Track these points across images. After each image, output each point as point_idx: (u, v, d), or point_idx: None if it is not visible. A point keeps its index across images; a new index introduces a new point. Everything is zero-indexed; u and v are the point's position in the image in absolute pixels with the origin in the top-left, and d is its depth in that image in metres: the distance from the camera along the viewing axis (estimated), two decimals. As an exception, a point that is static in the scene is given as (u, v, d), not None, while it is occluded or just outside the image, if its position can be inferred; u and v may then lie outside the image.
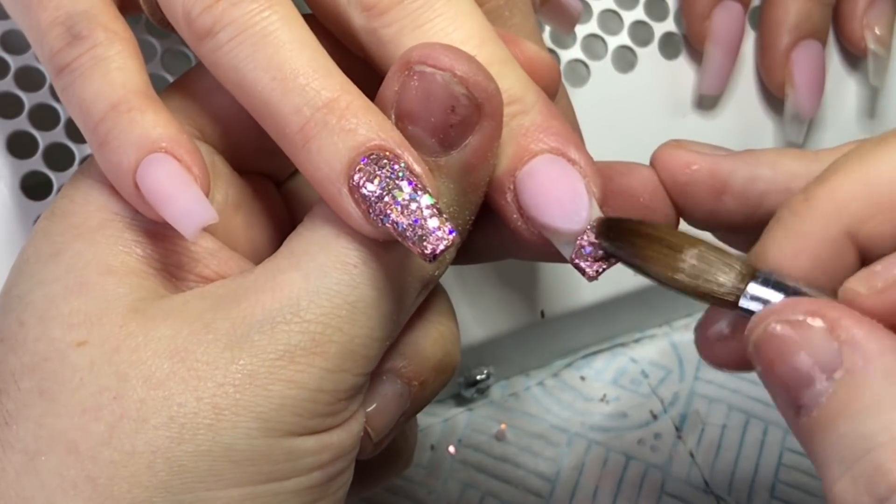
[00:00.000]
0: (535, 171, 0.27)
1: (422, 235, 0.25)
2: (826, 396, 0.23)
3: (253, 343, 0.25)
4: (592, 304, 0.42)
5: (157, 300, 0.26)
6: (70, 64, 0.27)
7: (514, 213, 0.27)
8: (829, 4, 0.42)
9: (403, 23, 0.27)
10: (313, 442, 0.26)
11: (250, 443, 0.25)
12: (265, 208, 0.30)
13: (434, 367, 0.30)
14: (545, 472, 0.44)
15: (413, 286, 0.27)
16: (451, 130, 0.26)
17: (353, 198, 0.25)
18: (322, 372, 0.26)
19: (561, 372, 0.47)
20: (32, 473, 0.25)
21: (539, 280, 0.42)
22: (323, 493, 0.27)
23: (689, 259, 0.26)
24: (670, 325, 0.48)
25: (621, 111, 0.42)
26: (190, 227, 0.25)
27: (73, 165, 0.35)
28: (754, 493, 0.44)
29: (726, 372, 0.28)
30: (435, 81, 0.25)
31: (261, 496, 0.25)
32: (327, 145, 0.25)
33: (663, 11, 0.44)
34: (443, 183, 0.26)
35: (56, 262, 0.27)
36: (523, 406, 0.46)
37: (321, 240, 0.26)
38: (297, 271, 0.26)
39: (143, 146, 0.26)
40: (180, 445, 0.25)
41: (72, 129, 0.35)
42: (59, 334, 0.26)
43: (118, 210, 0.27)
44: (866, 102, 0.45)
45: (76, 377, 0.25)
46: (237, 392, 0.25)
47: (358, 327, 0.26)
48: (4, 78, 0.35)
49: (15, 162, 0.35)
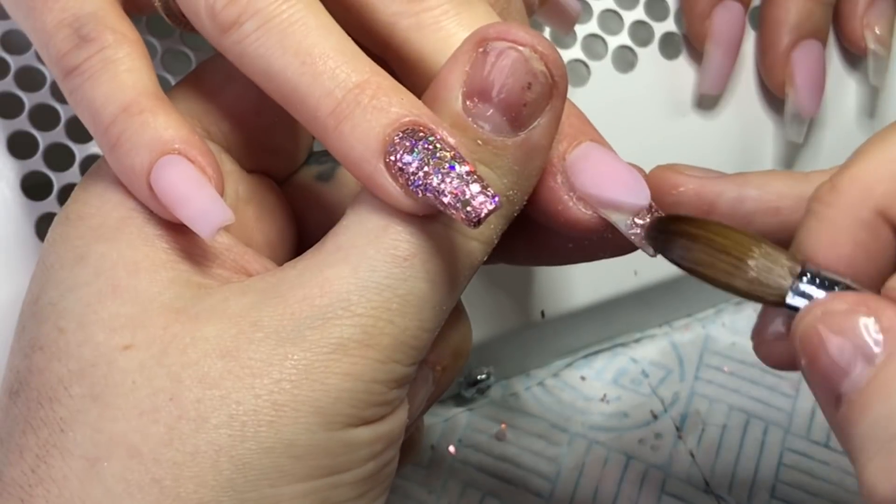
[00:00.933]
0: (588, 153, 0.27)
1: (465, 201, 0.24)
2: (865, 380, 0.24)
3: (305, 338, 0.25)
4: (593, 304, 0.42)
5: (196, 298, 0.26)
6: (79, 66, 0.27)
7: (564, 195, 0.27)
8: (829, 4, 0.42)
9: (444, 8, 0.27)
10: (368, 432, 0.26)
11: (311, 437, 0.25)
12: (274, 205, 0.30)
13: (453, 352, 0.30)
14: (545, 472, 0.44)
15: (463, 273, 0.27)
16: (524, 109, 0.26)
17: (389, 173, 0.25)
18: (375, 364, 0.26)
19: (561, 372, 0.47)
20: (96, 479, 0.24)
21: (539, 280, 0.42)
22: (375, 482, 0.27)
23: (739, 260, 0.26)
24: (670, 325, 0.48)
25: (621, 111, 0.42)
26: (207, 228, 0.26)
27: (74, 165, 0.35)
28: (754, 494, 0.44)
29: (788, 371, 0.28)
30: (514, 57, 0.25)
31: (321, 489, 0.26)
32: (360, 124, 0.25)
33: (663, 11, 0.44)
34: (507, 164, 0.26)
35: (83, 266, 0.27)
36: (524, 406, 0.46)
37: (369, 232, 0.26)
38: (345, 265, 0.26)
39: (156, 148, 0.26)
40: (243, 443, 0.25)
41: (72, 130, 0.35)
42: (103, 339, 0.25)
43: (134, 206, 0.27)
44: (866, 102, 0.46)
45: (128, 380, 0.25)
46: (294, 388, 0.25)
47: (409, 319, 0.26)
48: (5, 78, 0.35)
49: (15, 162, 0.35)
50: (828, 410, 0.25)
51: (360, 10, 0.28)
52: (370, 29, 0.28)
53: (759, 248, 0.26)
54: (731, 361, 0.47)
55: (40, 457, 0.25)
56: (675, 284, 0.44)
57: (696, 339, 0.48)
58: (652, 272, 0.43)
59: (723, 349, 0.48)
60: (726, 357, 0.48)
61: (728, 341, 0.48)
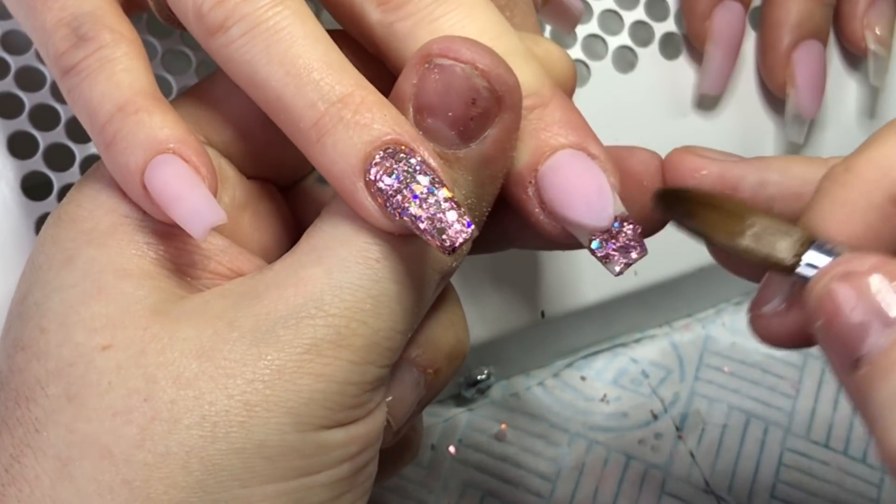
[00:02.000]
0: (558, 166, 0.27)
1: (440, 228, 0.25)
2: (887, 345, 0.23)
3: (279, 338, 0.25)
4: (593, 304, 0.42)
5: (178, 301, 0.26)
6: (76, 65, 0.27)
7: (535, 207, 0.28)
8: (829, 5, 0.42)
9: (419, 16, 0.27)
10: (342, 434, 0.26)
11: (283, 438, 0.25)
12: (271, 210, 0.30)
13: (447, 355, 0.30)
14: (545, 472, 0.44)
15: (433, 278, 0.27)
16: (471, 123, 0.26)
17: (369, 192, 0.25)
18: (349, 364, 0.26)
19: (561, 372, 0.47)
20: (67, 480, 0.24)
21: (539, 280, 0.42)
22: (351, 485, 0.27)
23: (750, 225, 0.26)
24: (671, 326, 0.48)
25: (622, 111, 0.42)
26: (199, 228, 0.25)
27: (74, 166, 0.35)
28: (755, 494, 0.44)
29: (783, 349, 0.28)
30: (455, 74, 0.25)
31: (294, 491, 0.26)
32: (342, 140, 0.25)
33: (664, 11, 0.44)
34: (461, 175, 0.26)
35: (70, 268, 0.27)
36: (524, 406, 0.46)
37: (342, 235, 0.26)
38: (319, 266, 0.26)
39: (150, 147, 0.26)
40: (214, 444, 0.25)
41: (72, 130, 0.35)
42: (83, 339, 0.26)
43: (127, 213, 0.27)
44: (867, 102, 0.45)
45: (104, 381, 0.25)
46: (267, 388, 0.25)
47: (382, 320, 0.26)
48: (5, 78, 0.35)
49: (15, 162, 0.35)
50: (842, 374, 0.24)
51: (350, 16, 0.28)
52: (361, 34, 0.28)
53: (767, 216, 0.26)
54: (731, 361, 0.48)
55: (14, 456, 0.25)
56: (675, 285, 0.44)
57: (696, 339, 0.48)
58: (652, 272, 0.43)
59: (723, 349, 0.48)
60: (726, 357, 0.48)
61: (728, 341, 0.48)
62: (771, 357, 0.48)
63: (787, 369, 0.47)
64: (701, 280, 0.45)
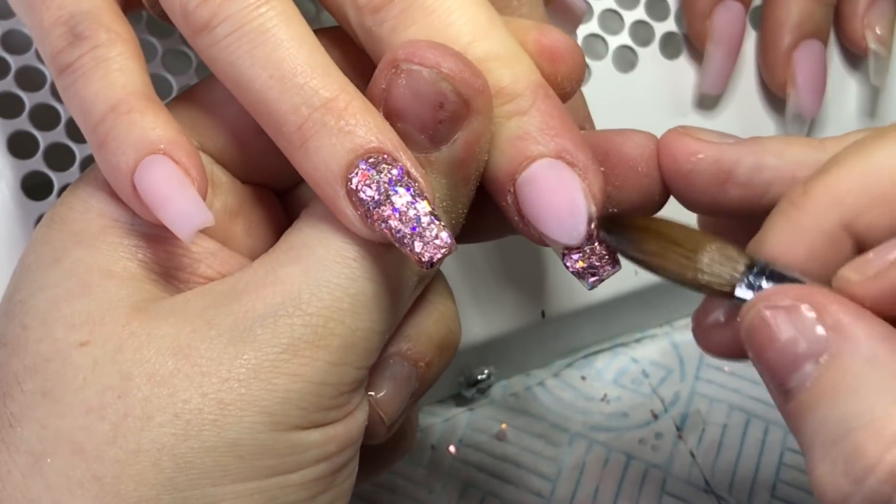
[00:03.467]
0: (534, 178, 0.27)
1: (420, 243, 0.25)
2: (811, 380, 0.23)
3: (256, 337, 0.25)
4: (593, 304, 0.42)
5: (160, 300, 0.26)
6: (72, 64, 0.27)
7: (514, 216, 0.28)
8: (830, 4, 0.42)
9: (396, 21, 0.27)
10: (318, 435, 0.26)
11: (255, 437, 0.25)
12: (266, 216, 0.30)
13: (438, 346, 0.30)
14: (546, 472, 0.44)
15: (410, 279, 0.28)
16: (440, 127, 0.26)
17: (350, 200, 0.25)
18: (325, 365, 0.26)
19: (562, 372, 0.47)
20: (38, 475, 0.25)
21: (540, 280, 0.42)
22: (329, 485, 0.27)
23: (691, 251, 0.27)
24: (671, 325, 0.48)
25: (622, 111, 0.42)
26: (186, 230, 0.25)
27: (74, 165, 0.35)
28: (755, 493, 0.44)
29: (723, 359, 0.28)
30: (422, 78, 0.25)
31: (267, 490, 0.25)
32: (325, 146, 0.25)
33: (664, 11, 0.44)
34: (434, 178, 0.26)
35: (57, 267, 0.27)
36: (524, 406, 0.46)
37: (320, 234, 0.26)
38: (297, 265, 0.26)
39: (141, 147, 0.26)
40: (186, 442, 0.25)
41: (72, 129, 0.35)
42: (62, 335, 0.26)
43: (117, 216, 0.27)
44: (867, 102, 0.45)
45: (79, 377, 0.25)
46: (242, 387, 0.25)
47: (360, 320, 0.26)
48: (5, 78, 0.35)
49: (15, 162, 0.35)
50: (778, 401, 0.25)
51: (339, 18, 0.28)
52: (352, 34, 0.28)
53: (711, 242, 0.27)
54: (731, 361, 0.47)
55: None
56: (675, 284, 0.44)
57: (696, 338, 0.48)
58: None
59: (723, 349, 0.48)
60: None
61: (728, 341, 0.48)
62: (771, 357, 0.48)
63: (788, 369, 0.47)
64: (701, 280, 0.45)
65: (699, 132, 0.30)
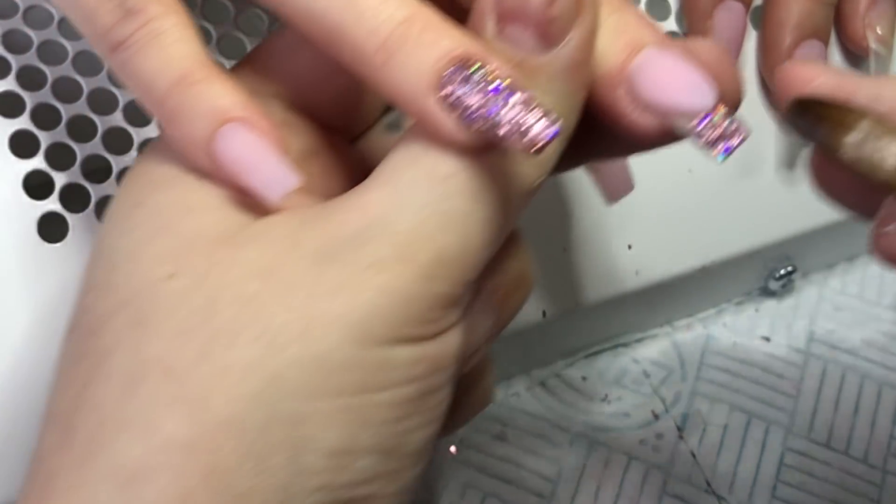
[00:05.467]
0: (651, 60, 0.27)
1: (524, 131, 0.24)
2: None
3: (341, 257, 0.25)
4: (594, 303, 0.42)
5: (243, 227, 0.26)
6: (126, 40, 0.27)
7: (628, 106, 0.27)
8: (831, 4, 0.42)
9: None
10: (407, 353, 0.26)
11: (343, 352, 0.25)
12: (340, 160, 0.30)
13: (513, 279, 0.30)
14: (546, 473, 0.44)
15: (515, 195, 0.27)
16: (552, 26, 0.25)
17: (443, 106, 0.25)
18: (413, 279, 0.25)
19: (562, 372, 0.47)
20: (132, 399, 0.25)
21: (541, 280, 0.42)
22: (417, 408, 0.26)
23: (858, 136, 0.26)
24: (672, 325, 0.48)
25: (623, 111, 0.42)
26: (275, 194, 0.26)
27: (76, 165, 0.35)
28: (756, 494, 0.44)
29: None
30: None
31: (356, 407, 0.25)
32: (411, 60, 0.25)
33: (665, 11, 0.44)
34: (546, 84, 0.26)
35: (139, 210, 0.27)
36: (525, 406, 0.46)
37: (410, 157, 0.26)
38: (384, 189, 0.26)
39: (215, 117, 0.26)
40: (274, 357, 0.25)
41: (74, 129, 0.35)
42: (149, 270, 0.26)
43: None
44: (868, 102, 0.45)
45: (168, 305, 0.25)
46: (327, 302, 0.25)
47: (451, 235, 0.25)
48: (6, 77, 0.35)
49: (17, 161, 0.35)
50: None
51: None
52: None
53: (883, 125, 0.26)
54: (732, 361, 0.48)
55: (84, 384, 0.26)
56: (675, 284, 0.44)
57: (697, 339, 0.48)
58: (653, 272, 0.43)
59: (724, 349, 0.48)
60: (728, 357, 0.48)
61: (729, 341, 0.48)
62: (772, 357, 0.48)
63: (789, 369, 0.47)
64: (702, 280, 0.45)
65: (817, 63, 0.29)
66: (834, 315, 0.50)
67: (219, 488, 0.24)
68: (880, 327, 0.49)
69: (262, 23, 0.38)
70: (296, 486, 0.25)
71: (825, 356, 0.48)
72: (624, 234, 0.43)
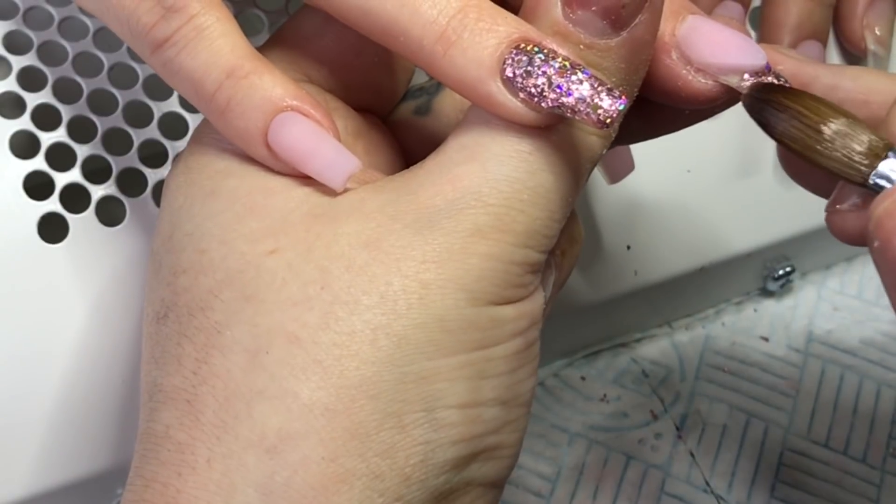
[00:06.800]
0: (698, 24, 0.28)
1: (594, 105, 0.25)
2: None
3: (442, 226, 0.26)
4: (593, 303, 0.42)
5: (332, 202, 0.27)
6: (170, 38, 0.27)
7: (682, 69, 0.28)
8: (829, 5, 0.43)
9: None
10: (511, 310, 0.27)
11: (460, 312, 0.26)
12: (382, 139, 0.31)
13: (569, 238, 0.31)
14: (545, 472, 0.44)
15: (585, 166, 0.28)
16: (624, 10, 0.26)
17: (508, 89, 0.25)
18: (512, 247, 0.26)
19: (561, 371, 0.47)
20: (260, 368, 0.25)
21: (540, 280, 0.42)
22: (525, 359, 0.28)
23: (826, 131, 0.26)
24: (671, 325, 0.48)
25: (622, 111, 0.42)
26: (338, 179, 0.27)
27: (76, 165, 0.35)
28: (754, 493, 0.44)
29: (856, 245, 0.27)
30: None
31: (475, 363, 0.26)
32: (471, 46, 0.26)
33: (664, 12, 0.44)
34: (613, 64, 0.26)
35: (215, 198, 0.27)
36: (524, 406, 0.46)
37: (492, 132, 0.26)
38: (473, 162, 0.26)
39: (268, 109, 0.27)
40: (397, 320, 0.25)
41: (74, 129, 0.35)
42: (247, 248, 0.26)
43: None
44: (867, 103, 0.46)
45: (278, 278, 0.26)
46: (438, 267, 0.26)
47: (539, 209, 0.26)
48: (7, 78, 0.35)
49: (17, 162, 0.35)
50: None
51: None
52: None
53: (848, 123, 0.26)
54: (731, 361, 0.48)
55: (200, 359, 0.26)
56: (675, 284, 0.44)
57: (696, 338, 0.48)
58: (652, 272, 0.43)
59: (723, 349, 0.48)
60: (727, 357, 0.48)
61: (728, 341, 0.48)
62: (771, 357, 0.48)
63: (788, 369, 0.48)
64: (701, 280, 0.45)
65: (782, 48, 0.30)
66: (832, 315, 0.50)
67: (362, 449, 0.25)
68: (879, 327, 0.49)
69: (263, 23, 0.38)
70: (436, 441, 0.26)
71: (824, 356, 0.48)
72: (623, 235, 0.43)
